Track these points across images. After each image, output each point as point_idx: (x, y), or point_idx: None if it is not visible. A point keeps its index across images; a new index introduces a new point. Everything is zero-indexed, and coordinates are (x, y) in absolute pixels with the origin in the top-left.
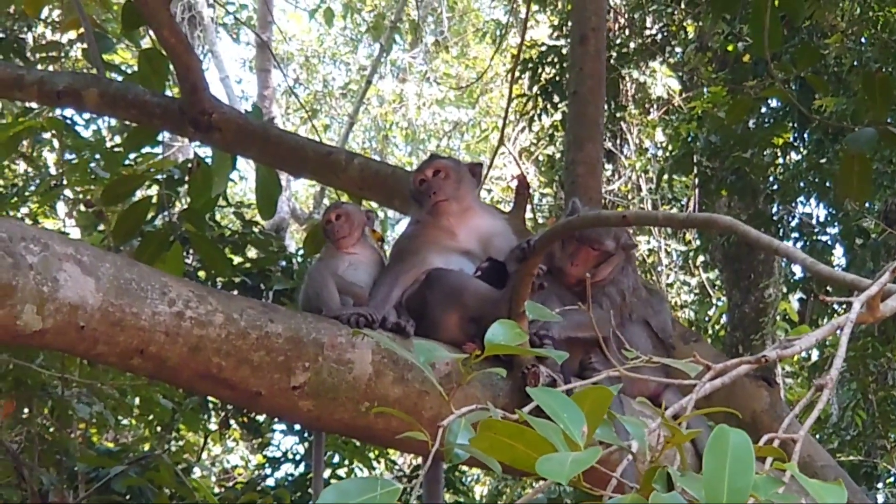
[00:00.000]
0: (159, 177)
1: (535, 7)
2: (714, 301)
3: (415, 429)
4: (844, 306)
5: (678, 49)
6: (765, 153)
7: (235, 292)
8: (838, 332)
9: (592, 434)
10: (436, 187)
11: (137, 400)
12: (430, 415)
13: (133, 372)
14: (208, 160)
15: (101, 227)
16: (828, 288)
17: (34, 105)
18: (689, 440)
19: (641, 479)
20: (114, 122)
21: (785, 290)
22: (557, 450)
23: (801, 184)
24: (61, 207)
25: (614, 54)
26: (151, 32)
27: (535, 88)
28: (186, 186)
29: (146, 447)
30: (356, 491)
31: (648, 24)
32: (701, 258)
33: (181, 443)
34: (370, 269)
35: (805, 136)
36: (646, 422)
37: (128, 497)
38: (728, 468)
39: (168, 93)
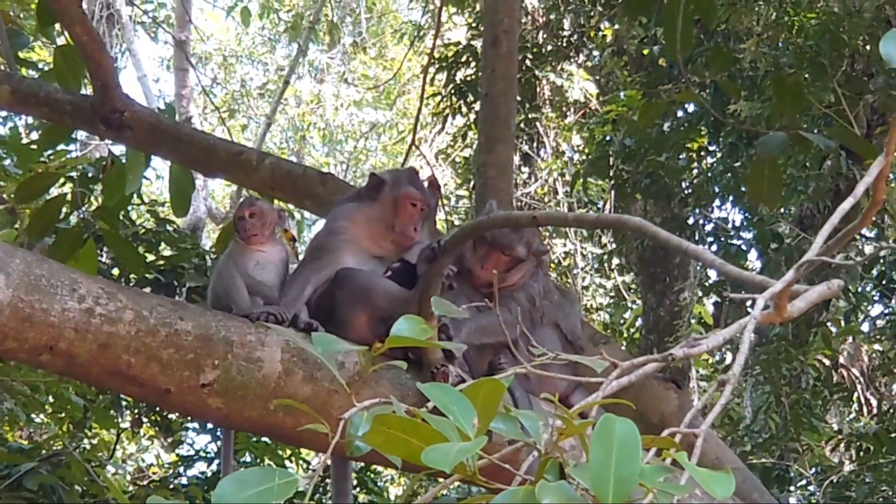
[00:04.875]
0: (73, 174)
1: (452, 9)
2: (629, 304)
3: (319, 423)
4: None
5: (595, 52)
6: (680, 157)
7: (149, 289)
8: (743, 330)
9: (485, 427)
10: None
11: (50, 397)
12: (338, 413)
13: (43, 368)
14: (123, 158)
15: (16, 225)
16: (741, 290)
17: None
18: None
19: (536, 472)
20: (30, 119)
21: (700, 293)
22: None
23: (716, 188)
24: None
25: (530, 56)
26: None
27: (448, 88)
28: (100, 184)
29: (59, 445)
30: (253, 481)
31: (566, 27)
32: (616, 261)
33: (94, 440)
34: (278, 269)
35: (719, 139)
36: (549, 419)
37: (39, 494)
38: (615, 456)
39: (85, 90)
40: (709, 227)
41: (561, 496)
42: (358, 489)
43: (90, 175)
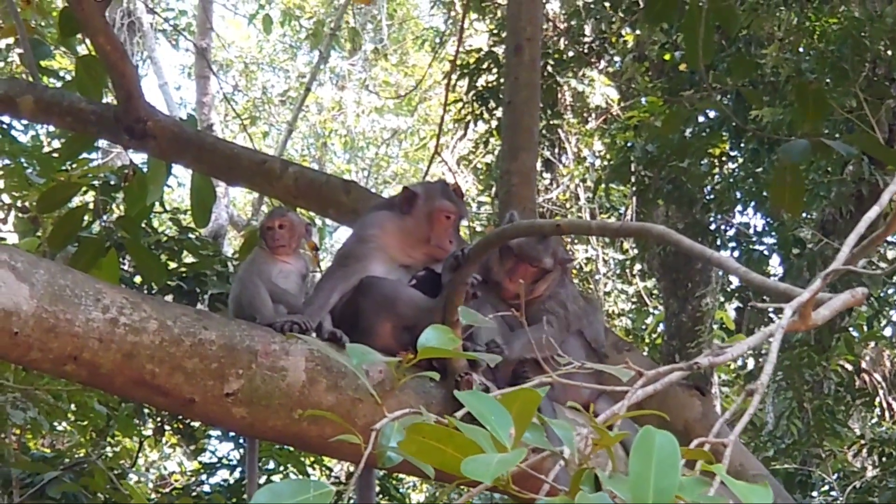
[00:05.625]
0: (95, 183)
1: (473, 15)
2: (651, 310)
3: (348, 433)
4: (779, 314)
5: (616, 59)
6: (701, 163)
7: (171, 297)
8: (770, 339)
9: (520, 436)
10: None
11: (73, 406)
12: (363, 422)
13: (67, 378)
14: (145, 167)
15: (38, 234)
16: (764, 298)
17: None
18: (619, 443)
19: (570, 482)
20: (52, 127)
21: (721, 299)
22: (485, 452)
23: (738, 193)
24: None
25: (551, 62)
26: (88, 39)
27: (470, 94)
28: (122, 193)
29: (82, 453)
30: (289, 492)
31: (587, 33)
32: (638, 267)
33: (117, 448)
34: (298, 279)
35: (741, 145)
36: (577, 427)
37: (62, 503)
38: (654, 469)
39: (107, 100)
40: (730, 233)
41: None
42: (380, 495)
43: (112, 184)
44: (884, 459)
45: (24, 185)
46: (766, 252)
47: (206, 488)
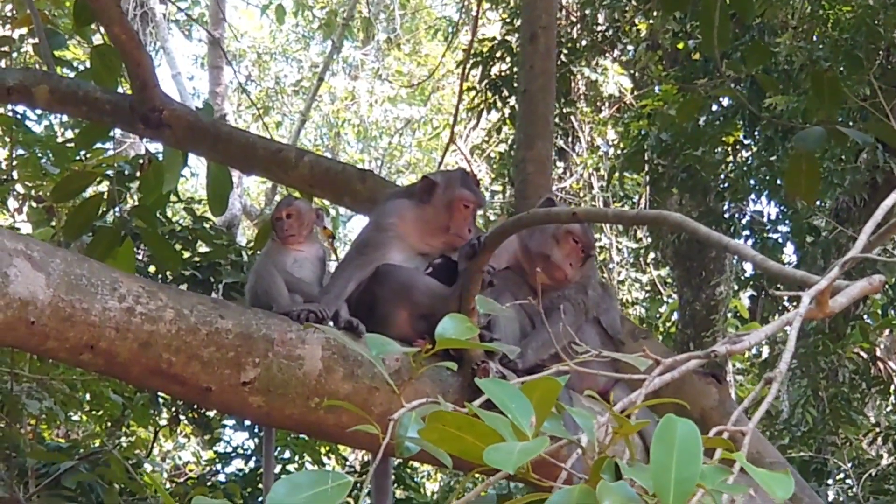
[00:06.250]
0: (110, 173)
1: (486, 4)
2: (665, 298)
3: (366, 423)
4: (794, 302)
5: (630, 47)
6: (715, 151)
7: (185, 286)
8: (787, 327)
9: (541, 425)
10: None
11: (88, 395)
12: (380, 411)
13: (83, 367)
14: (160, 156)
15: (53, 223)
16: (779, 285)
17: None
18: (637, 433)
19: (590, 471)
20: (66, 117)
21: (736, 287)
22: (505, 440)
23: (752, 181)
24: (11, 203)
25: (565, 51)
26: (102, 29)
27: (484, 83)
28: (137, 182)
29: (97, 443)
30: (308, 483)
31: (600, 21)
32: (652, 255)
33: (132, 438)
34: (314, 267)
35: (755, 133)
36: (595, 415)
37: (78, 493)
38: (675, 457)
39: (121, 89)
40: (744, 221)
41: (621, 496)
42: (395, 485)
43: (127, 173)
44: None
45: (39, 176)
46: (780, 240)
47: (222, 478)
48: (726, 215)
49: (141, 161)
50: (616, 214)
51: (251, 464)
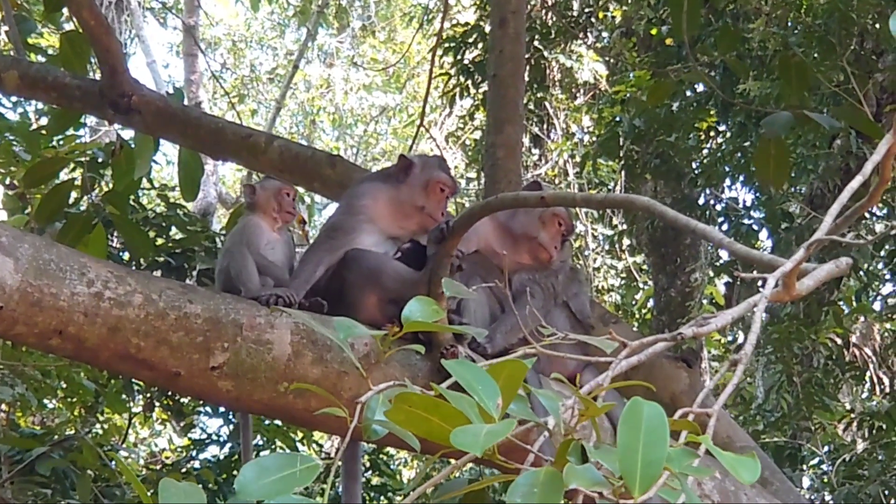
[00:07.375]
0: (82, 159)
1: None
2: (640, 285)
3: (334, 406)
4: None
5: (604, 34)
6: (689, 137)
7: (159, 273)
8: (754, 309)
9: (507, 406)
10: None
11: (62, 382)
12: (349, 395)
13: (53, 353)
14: (132, 143)
15: (28, 211)
16: (752, 269)
17: None
18: (604, 414)
19: (556, 453)
20: (41, 105)
21: (711, 273)
22: (472, 422)
23: (726, 167)
24: None
25: (538, 37)
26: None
27: (456, 69)
28: (110, 169)
29: (71, 430)
30: (276, 467)
31: (574, 7)
32: (627, 242)
33: (106, 425)
34: (285, 250)
35: (728, 119)
36: (562, 398)
37: (51, 479)
38: (642, 440)
39: (92, 76)
40: (719, 207)
41: (588, 479)
42: (371, 471)
43: (99, 160)
44: (874, 433)
45: (12, 162)
46: (754, 226)
47: (196, 464)
48: (701, 201)
49: (113, 147)
50: (584, 198)
51: (226, 450)
